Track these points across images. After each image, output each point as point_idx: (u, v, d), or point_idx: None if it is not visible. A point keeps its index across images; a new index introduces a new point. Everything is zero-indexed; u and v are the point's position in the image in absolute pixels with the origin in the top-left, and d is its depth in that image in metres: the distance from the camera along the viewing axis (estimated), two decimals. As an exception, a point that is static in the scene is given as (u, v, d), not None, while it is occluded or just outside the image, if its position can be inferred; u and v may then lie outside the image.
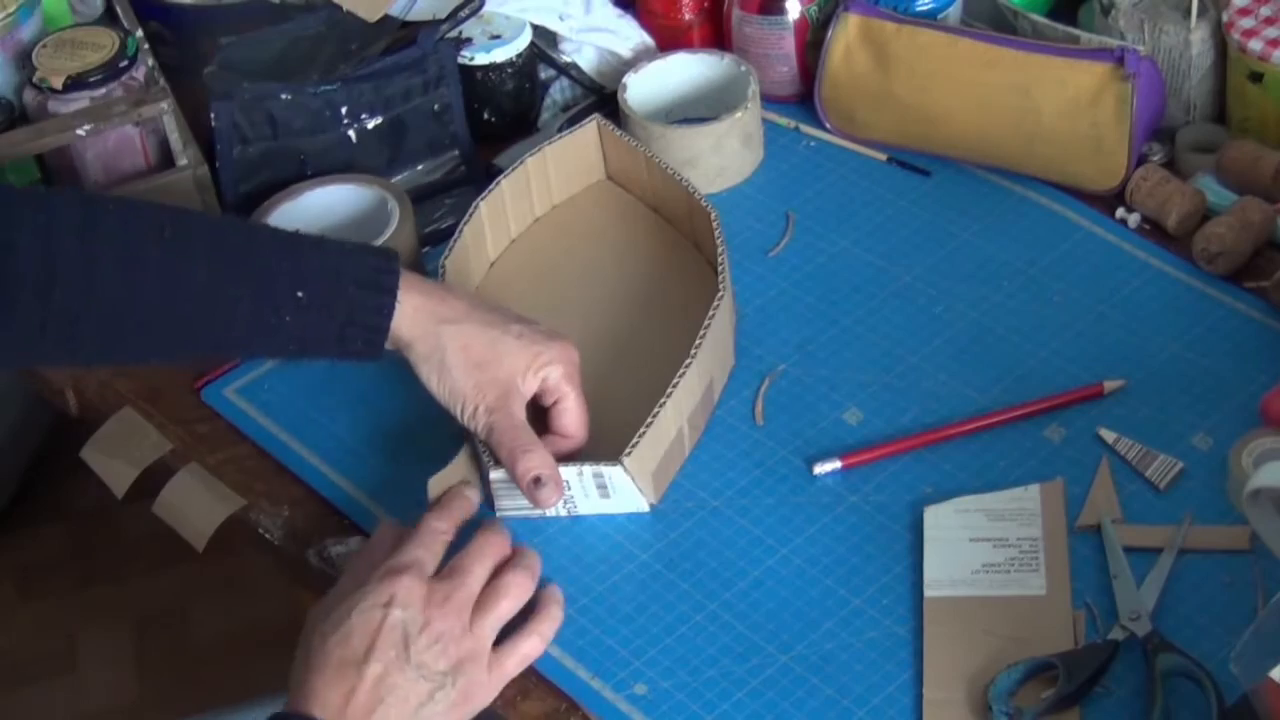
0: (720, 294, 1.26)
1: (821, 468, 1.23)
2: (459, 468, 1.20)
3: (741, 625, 1.15)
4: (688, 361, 1.21)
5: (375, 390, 1.31)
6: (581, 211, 1.43)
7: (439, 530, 1.14)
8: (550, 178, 1.41)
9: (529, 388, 1.20)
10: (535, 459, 1.16)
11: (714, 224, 1.32)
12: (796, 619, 1.15)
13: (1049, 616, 1.12)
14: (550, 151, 1.40)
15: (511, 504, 1.20)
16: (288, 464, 1.28)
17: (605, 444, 1.21)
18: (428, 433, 1.28)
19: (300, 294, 1.17)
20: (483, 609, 1.11)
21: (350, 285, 1.18)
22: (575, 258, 1.38)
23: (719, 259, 1.29)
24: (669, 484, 1.23)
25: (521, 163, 1.38)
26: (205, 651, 2.26)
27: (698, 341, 1.23)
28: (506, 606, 1.12)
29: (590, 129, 1.41)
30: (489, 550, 1.14)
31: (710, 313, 1.25)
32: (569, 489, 1.19)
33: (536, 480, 1.16)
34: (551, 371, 1.20)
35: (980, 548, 1.16)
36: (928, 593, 1.15)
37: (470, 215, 1.33)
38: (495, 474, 1.18)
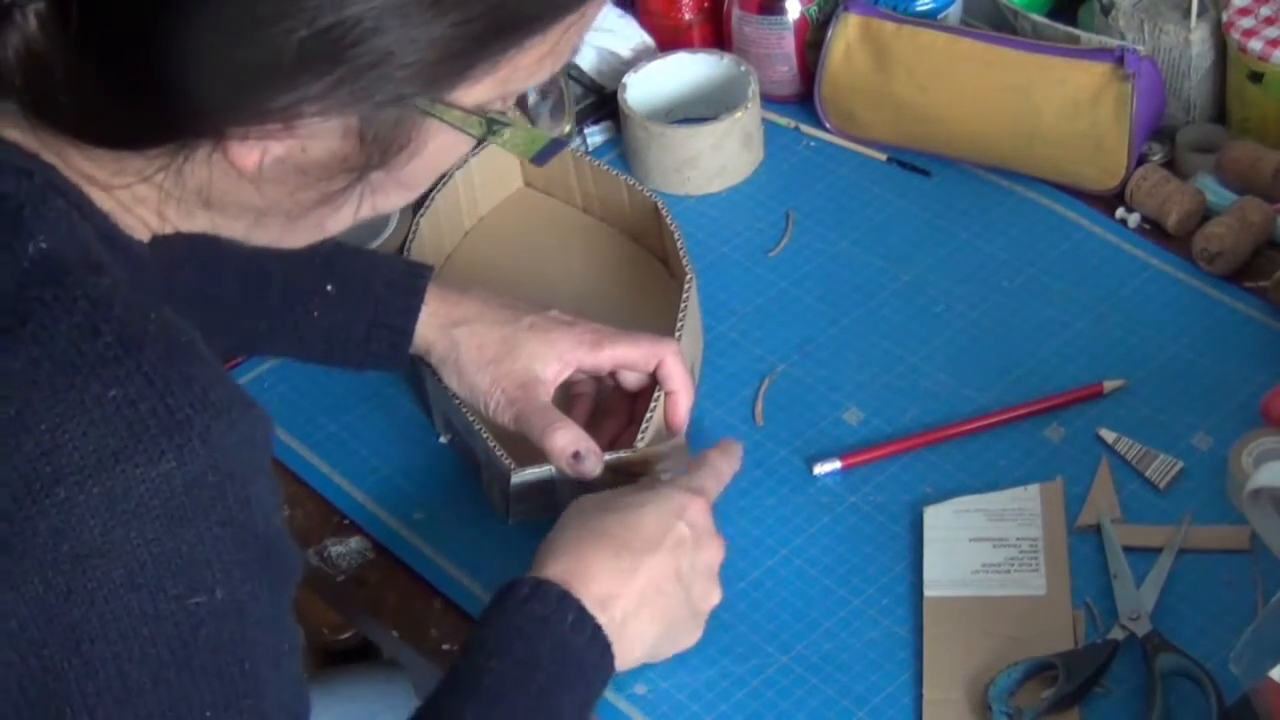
0: (689, 276, 1.27)
1: (821, 468, 1.23)
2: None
3: (741, 625, 1.15)
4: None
5: (375, 390, 1.31)
6: (510, 221, 1.43)
7: (724, 473, 1.13)
8: (476, 189, 1.41)
9: (551, 375, 1.19)
10: (568, 434, 1.15)
11: (663, 212, 1.33)
12: (796, 619, 1.15)
13: (1049, 616, 1.12)
14: (475, 163, 1.40)
15: (526, 507, 1.19)
16: (288, 464, 1.28)
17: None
18: (427, 433, 1.28)
19: (330, 288, 1.18)
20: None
21: (379, 285, 1.19)
22: (515, 268, 1.38)
23: (677, 245, 1.30)
24: None
25: (451, 177, 1.38)
26: (205, 651, 2.26)
27: (679, 324, 1.24)
28: None
29: None
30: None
31: (684, 296, 1.26)
32: None
33: (576, 455, 1.15)
34: (575, 356, 1.19)
35: (980, 548, 1.16)
36: (928, 593, 1.15)
37: (414, 233, 1.33)
38: (516, 478, 1.18)
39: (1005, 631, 1.11)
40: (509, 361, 1.18)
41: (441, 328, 1.20)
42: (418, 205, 1.36)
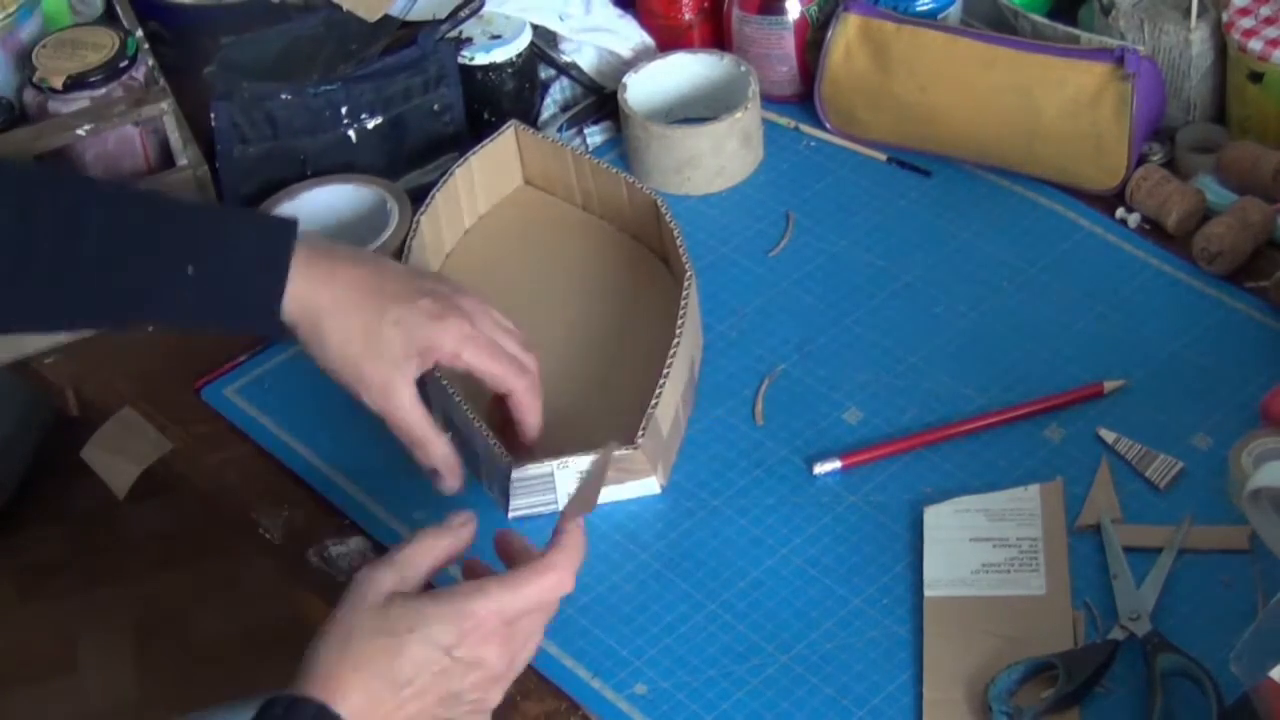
0: (689, 274, 1.27)
1: (821, 468, 1.23)
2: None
3: (741, 625, 1.15)
4: (676, 340, 1.23)
5: (375, 390, 1.31)
6: (509, 218, 1.43)
7: (549, 612, 1.03)
8: (476, 187, 1.41)
9: (409, 373, 1.16)
10: (427, 452, 1.17)
11: (663, 211, 1.33)
12: (796, 619, 1.15)
13: (1049, 616, 1.12)
14: (475, 161, 1.40)
15: (526, 502, 1.20)
16: (288, 464, 1.28)
17: (596, 432, 1.21)
18: (428, 433, 1.28)
19: (190, 269, 1.14)
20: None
21: (239, 263, 1.15)
22: (514, 266, 1.38)
23: (677, 244, 1.30)
24: (672, 466, 1.23)
25: (451, 174, 1.38)
26: (205, 652, 2.26)
27: (680, 320, 1.24)
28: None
29: (508, 135, 1.41)
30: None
31: (684, 293, 1.26)
32: (563, 483, 1.19)
33: (434, 472, 1.17)
34: (439, 347, 1.16)
35: (980, 548, 1.16)
36: (928, 593, 1.15)
37: (414, 232, 1.33)
38: (516, 473, 1.18)
39: (1005, 631, 1.11)
40: (371, 362, 1.15)
41: (307, 313, 1.15)
42: (417, 204, 1.36)
